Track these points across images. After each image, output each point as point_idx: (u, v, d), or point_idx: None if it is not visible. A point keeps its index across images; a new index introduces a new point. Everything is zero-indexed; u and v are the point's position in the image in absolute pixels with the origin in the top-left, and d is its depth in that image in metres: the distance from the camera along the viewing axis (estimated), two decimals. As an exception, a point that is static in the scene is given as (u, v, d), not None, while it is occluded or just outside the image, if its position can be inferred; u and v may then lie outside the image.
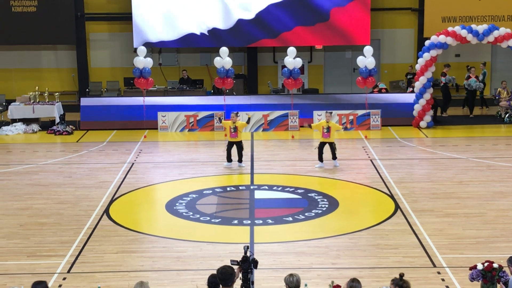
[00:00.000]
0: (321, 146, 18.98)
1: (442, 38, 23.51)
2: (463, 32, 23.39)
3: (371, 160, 19.92)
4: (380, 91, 26.16)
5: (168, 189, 17.55)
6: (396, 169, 18.85)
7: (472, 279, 9.86)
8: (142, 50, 24.35)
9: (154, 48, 28.56)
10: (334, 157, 18.96)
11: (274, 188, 17.37)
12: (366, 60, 23.57)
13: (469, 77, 26.05)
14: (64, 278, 12.03)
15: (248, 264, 9.30)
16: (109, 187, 17.53)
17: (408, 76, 27.75)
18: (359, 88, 24.61)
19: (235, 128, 18.89)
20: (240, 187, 17.61)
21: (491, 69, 29.35)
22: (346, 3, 27.03)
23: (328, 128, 18.76)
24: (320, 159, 18.97)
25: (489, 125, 24.69)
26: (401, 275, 9.05)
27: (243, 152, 19.16)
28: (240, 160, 19.08)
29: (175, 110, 24.56)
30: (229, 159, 19.05)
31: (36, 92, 25.60)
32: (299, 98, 25.30)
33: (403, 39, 29.27)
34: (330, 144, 18.90)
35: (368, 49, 23.67)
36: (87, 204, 16.17)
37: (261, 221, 14.87)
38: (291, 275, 9.04)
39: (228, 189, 17.46)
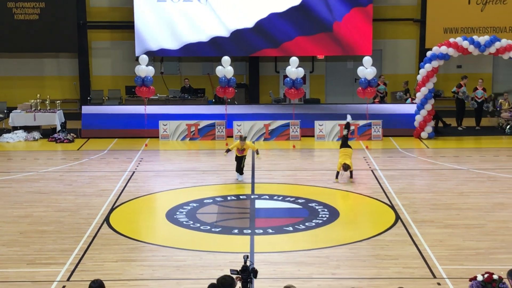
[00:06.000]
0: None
1: (443, 49, 23.54)
2: (465, 43, 23.42)
3: (372, 171, 19.91)
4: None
5: (169, 198, 17.55)
6: (397, 180, 18.84)
7: (472, 290, 9.84)
8: (144, 58, 24.40)
9: (156, 57, 28.60)
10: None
11: (275, 197, 17.37)
12: (366, 70, 23.59)
13: (476, 88, 25.86)
14: (64, 286, 12.01)
15: (247, 273, 9.29)
16: (110, 195, 17.53)
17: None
18: (361, 98, 24.64)
19: (243, 150, 18.78)
20: (241, 197, 17.61)
21: (492, 81, 29.36)
22: (348, 11, 27.04)
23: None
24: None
25: (490, 137, 24.68)
26: None
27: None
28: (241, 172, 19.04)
29: (176, 119, 24.57)
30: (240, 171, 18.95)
31: (38, 100, 25.64)
32: (301, 108, 25.31)
33: (405, 50, 29.30)
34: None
35: (367, 60, 23.70)
36: (87, 212, 16.17)
37: (261, 231, 14.86)
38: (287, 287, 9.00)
39: (229, 198, 17.45)
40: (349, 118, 19.72)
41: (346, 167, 18.39)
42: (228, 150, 18.85)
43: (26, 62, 29.35)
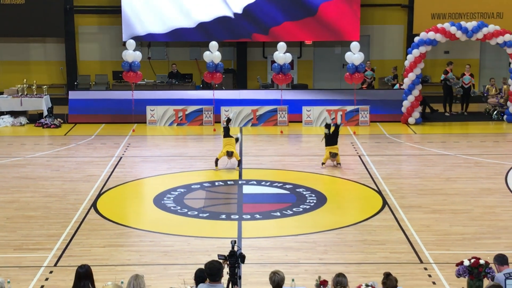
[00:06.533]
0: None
1: (431, 35, 23.55)
2: (452, 29, 23.44)
3: (359, 156, 19.94)
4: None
5: (156, 183, 17.51)
6: (384, 165, 18.88)
7: (459, 275, 9.90)
8: (131, 43, 24.28)
9: (143, 42, 28.49)
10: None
11: (263, 183, 17.37)
12: (353, 56, 23.58)
13: (463, 74, 25.89)
14: (51, 272, 11.99)
15: (235, 258, 9.31)
16: (97, 181, 17.48)
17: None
18: (349, 84, 24.64)
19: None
20: (229, 182, 17.60)
21: (479, 66, 29.42)
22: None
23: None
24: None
25: (478, 122, 24.75)
26: (387, 274, 9.12)
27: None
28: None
29: (164, 104, 24.50)
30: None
31: (24, 85, 25.49)
32: (288, 93, 25.28)
33: (392, 36, 29.31)
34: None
35: (355, 45, 23.67)
36: (74, 197, 16.12)
37: (249, 216, 14.87)
38: (274, 273, 9.04)
39: (217, 183, 17.45)
40: (328, 119, 19.56)
41: (334, 154, 18.44)
42: (216, 162, 18.61)
43: (12, 47, 29.18)
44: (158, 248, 13.05)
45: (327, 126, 19.03)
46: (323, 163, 18.64)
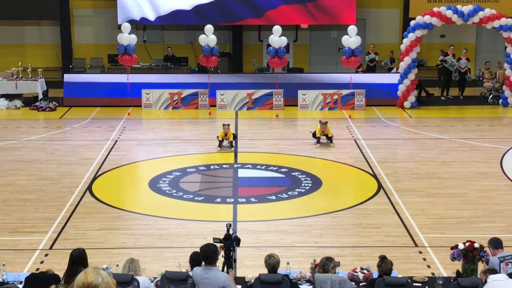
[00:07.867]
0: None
1: (427, 19, 23.50)
2: (449, 13, 23.39)
3: (354, 140, 19.95)
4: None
5: (152, 166, 17.51)
6: (379, 149, 18.89)
7: (453, 258, 9.92)
8: (126, 26, 24.19)
9: (138, 25, 28.38)
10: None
11: (258, 166, 17.37)
12: (350, 39, 23.53)
13: (460, 58, 25.87)
14: (46, 255, 12.00)
15: (230, 242, 9.33)
16: (92, 164, 17.47)
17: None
18: (345, 67, 24.61)
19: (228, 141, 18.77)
20: (224, 166, 17.60)
21: (475, 50, 29.38)
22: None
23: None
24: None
25: (473, 106, 24.75)
26: (382, 257, 9.15)
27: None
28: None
29: (159, 87, 24.43)
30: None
31: (19, 68, 25.40)
32: (284, 77, 25.24)
33: (388, 19, 29.24)
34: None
35: (352, 29, 23.62)
36: (69, 181, 16.11)
37: (244, 200, 14.88)
38: (270, 256, 9.07)
39: (212, 167, 17.45)
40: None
41: (324, 122, 18.94)
42: (220, 143, 18.72)
43: (7, 30, 29.05)
44: (154, 231, 13.07)
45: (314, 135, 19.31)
46: (316, 136, 18.81)
